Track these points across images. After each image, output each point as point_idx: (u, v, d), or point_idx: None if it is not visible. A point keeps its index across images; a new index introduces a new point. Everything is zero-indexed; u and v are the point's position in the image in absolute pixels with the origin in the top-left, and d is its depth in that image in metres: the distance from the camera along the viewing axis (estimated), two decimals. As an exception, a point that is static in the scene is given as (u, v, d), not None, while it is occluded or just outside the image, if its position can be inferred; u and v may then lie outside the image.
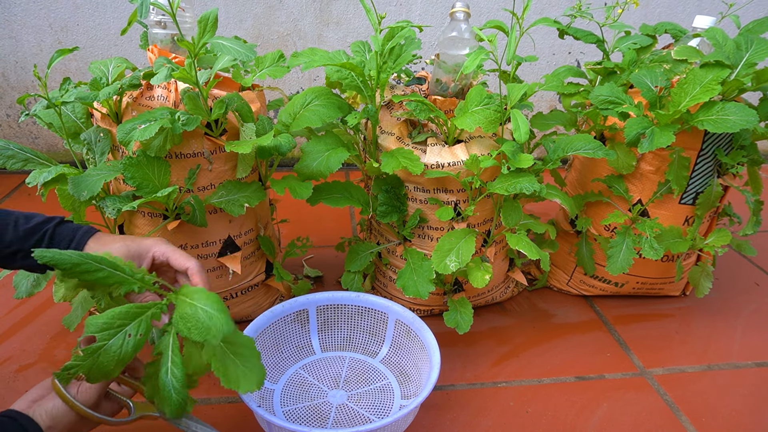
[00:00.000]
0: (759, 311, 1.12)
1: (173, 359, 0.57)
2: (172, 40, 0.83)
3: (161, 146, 0.75)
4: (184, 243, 0.86)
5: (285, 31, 1.56)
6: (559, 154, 0.89)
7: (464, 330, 0.89)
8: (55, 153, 1.68)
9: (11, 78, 1.56)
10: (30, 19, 1.47)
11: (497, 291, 1.07)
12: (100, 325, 0.54)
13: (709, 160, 0.93)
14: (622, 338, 1.02)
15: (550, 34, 1.66)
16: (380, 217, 0.89)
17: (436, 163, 0.86)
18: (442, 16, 1.59)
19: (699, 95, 0.81)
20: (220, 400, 0.85)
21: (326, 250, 1.27)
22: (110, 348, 0.54)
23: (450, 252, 0.84)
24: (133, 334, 0.55)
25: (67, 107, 0.86)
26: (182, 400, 0.57)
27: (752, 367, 0.97)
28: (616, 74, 0.98)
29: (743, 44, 0.84)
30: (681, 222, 0.98)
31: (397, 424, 0.71)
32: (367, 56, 0.90)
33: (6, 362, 0.90)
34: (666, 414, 0.85)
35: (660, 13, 1.67)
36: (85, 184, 0.75)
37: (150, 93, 0.82)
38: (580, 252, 1.07)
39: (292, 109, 0.84)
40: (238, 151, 0.74)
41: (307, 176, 0.82)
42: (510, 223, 0.87)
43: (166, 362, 0.57)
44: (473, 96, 0.84)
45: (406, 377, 0.87)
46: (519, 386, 0.90)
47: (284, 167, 1.74)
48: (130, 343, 0.54)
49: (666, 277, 1.07)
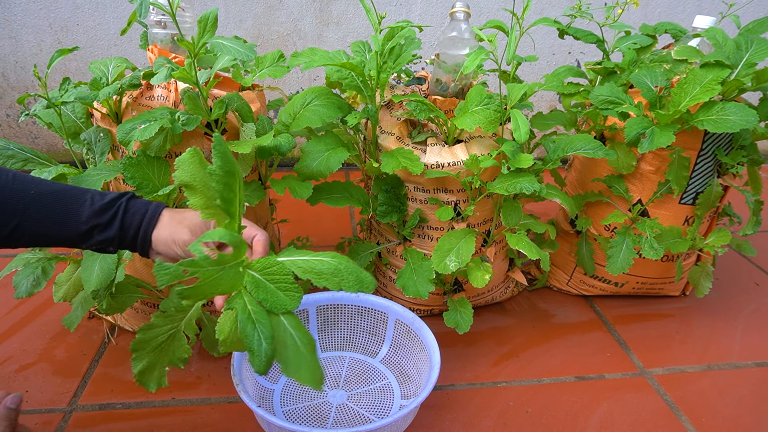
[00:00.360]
0: (759, 311, 1.12)
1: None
2: (172, 40, 0.83)
3: (161, 146, 0.75)
4: (184, 243, 0.86)
5: (285, 31, 1.56)
6: (559, 154, 0.89)
7: (464, 330, 0.89)
8: (55, 153, 1.68)
9: (11, 78, 1.56)
10: (30, 19, 1.47)
11: (497, 291, 1.07)
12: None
13: (709, 160, 0.93)
14: (622, 338, 1.02)
15: (550, 34, 1.66)
16: (380, 217, 0.89)
17: (436, 163, 0.86)
18: (442, 16, 1.59)
19: (699, 95, 0.81)
20: (220, 400, 0.85)
21: (326, 250, 1.27)
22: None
23: (450, 252, 0.84)
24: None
25: (66, 107, 0.86)
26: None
27: (752, 367, 0.97)
28: (616, 74, 0.98)
29: (743, 44, 0.84)
30: (681, 222, 0.98)
31: (397, 424, 0.71)
32: (367, 56, 0.90)
33: (6, 362, 0.90)
34: (666, 414, 0.85)
35: (660, 13, 1.67)
36: (85, 183, 0.75)
37: (150, 93, 0.82)
38: (580, 252, 1.07)
39: (292, 109, 0.84)
40: (238, 151, 0.73)
41: (307, 176, 0.82)
42: (510, 223, 0.87)
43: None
44: (473, 96, 0.84)
45: (406, 377, 0.87)
46: (519, 386, 0.90)
47: (284, 167, 1.74)
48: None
49: (666, 277, 1.07)
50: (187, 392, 0.86)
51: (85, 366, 0.90)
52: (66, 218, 0.60)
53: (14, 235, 0.59)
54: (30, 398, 0.83)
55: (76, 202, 0.61)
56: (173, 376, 0.89)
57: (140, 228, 0.61)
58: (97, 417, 0.81)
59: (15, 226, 0.59)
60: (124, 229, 0.61)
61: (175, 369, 0.89)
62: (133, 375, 0.64)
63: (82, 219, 0.60)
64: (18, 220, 0.59)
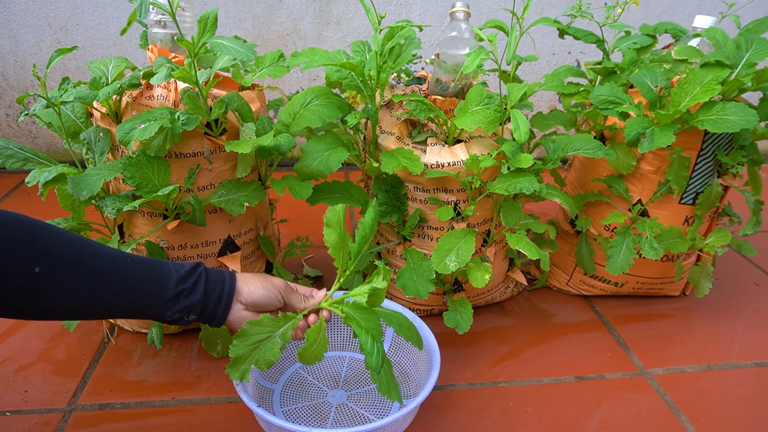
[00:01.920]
0: (759, 311, 1.12)
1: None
2: (171, 40, 0.83)
3: (161, 146, 0.75)
4: (184, 242, 0.86)
5: (285, 30, 1.56)
6: (559, 154, 0.89)
7: (464, 330, 0.89)
8: (54, 152, 1.68)
9: (10, 77, 1.55)
10: (29, 19, 1.47)
11: (497, 291, 1.07)
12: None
13: (709, 160, 0.93)
14: (622, 338, 1.02)
15: (550, 34, 1.66)
16: (380, 216, 0.89)
17: (436, 163, 0.86)
18: (442, 16, 1.59)
19: (699, 95, 0.81)
20: (219, 400, 0.84)
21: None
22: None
23: (450, 252, 0.84)
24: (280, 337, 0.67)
25: (66, 107, 0.86)
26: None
27: (752, 367, 0.97)
28: (616, 74, 0.98)
29: (743, 44, 0.84)
30: (681, 222, 0.98)
31: (397, 424, 0.71)
32: (367, 56, 0.90)
33: (6, 362, 0.90)
34: (666, 414, 0.85)
35: (660, 13, 1.67)
36: (84, 183, 0.75)
37: (150, 92, 0.81)
38: (579, 252, 1.07)
39: (292, 109, 0.84)
40: (238, 150, 0.73)
41: (307, 176, 0.81)
42: (510, 223, 0.87)
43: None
44: (473, 96, 0.84)
45: (406, 377, 0.87)
46: (519, 386, 0.90)
47: (284, 167, 1.74)
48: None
49: (666, 277, 1.07)
50: (186, 392, 0.86)
51: (85, 366, 0.90)
52: (158, 284, 0.62)
53: (111, 304, 0.60)
54: (30, 398, 0.83)
55: (163, 267, 0.64)
56: (173, 375, 0.89)
57: (223, 291, 0.66)
58: (97, 417, 0.81)
59: (113, 296, 0.60)
60: (207, 294, 0.65)
61: (175, 368, 0.90)
62: (225, 360, 0.76)
63: (171, 285, 0.63)
64: (117, 288, 0.60)
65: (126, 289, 0.60)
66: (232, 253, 0.90)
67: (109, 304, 0.60)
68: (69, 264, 0.57)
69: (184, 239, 0.86)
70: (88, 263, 0.58)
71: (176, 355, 0.93)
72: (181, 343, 0.95)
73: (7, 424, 0.78)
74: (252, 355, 0.66)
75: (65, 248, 0.57)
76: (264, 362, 0.65)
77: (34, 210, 1.41)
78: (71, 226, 0.85)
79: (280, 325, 0.67)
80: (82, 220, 0.88)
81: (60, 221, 0.85)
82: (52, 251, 0.56)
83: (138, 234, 0.87)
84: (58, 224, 0.84)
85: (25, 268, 0.53)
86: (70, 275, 0.57)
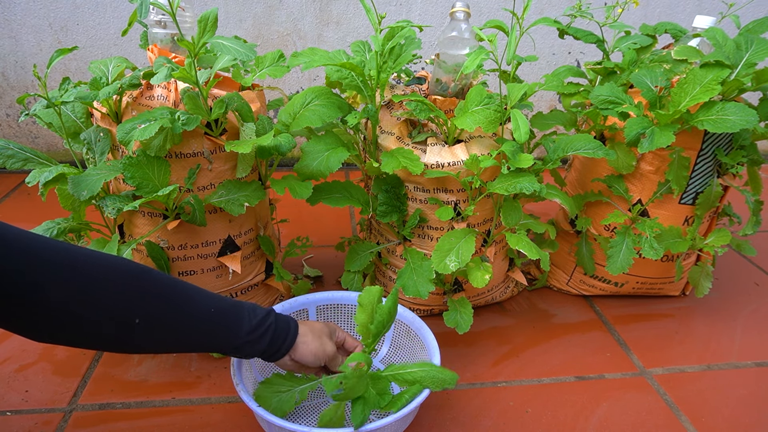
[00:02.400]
0: (759, 311, 1.12)
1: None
2: (172, 40, 0.83)
3: (161, 146, 0.75)
4: (184, 243, 0.86)
5: (285, 31, 1.56)
6: (559, 154, 0.89)
7: (464, 330, 0.89)
8: (54, 153, 1.68)
9: (11, 77, 1.56)
10: (30, 19, 1.47)
11: (497, 291, 1.07)
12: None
13: (709, 160, 0.93)
14: (621, 338, 1.02)
15: (550, 34, 1.66)
16: (380, 216, 0.89)
17: (436, 163, 0.86)
18: (442, 16, 1.59)
19: (699, 95, 0.81)
20: (220, 399, 0.85)
21: (326, 250, 1.27)
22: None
23: (450, 252, 0.84)
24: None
25: (66, 107, 0.86)
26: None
27: (752, 367, 0.97)
28: (616, 74, 0.98)
29: (743, 44, 0.84)
30: (681, 222, 0.98)
31: (397, 424, 0.71)
32: (367, 56, 0.90)
33: (6, 362, 0.90)
34: (666, 414, 0.86)
35: (660, 13, 1.67)
36: (84, 183, 0.75)
37: (150, 92, 0.81)
38: (579, 252, 1.07)
39: (292, 109, 0.84)
40: (238, 150, 0.73)
41: (307, 176, 0.82)
42: (510, 223, 0.87)
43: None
44: (473, 96, 0.84)
45: (406, 377, 0.87)
46: (519, 386, 0.90)
47: (284, 167, 1.74)
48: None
49: (666, 277, 1.07)
50: (187, 392, 0.86)
51: (85, 366, 0.90)
52: (230, 333, 0.64)
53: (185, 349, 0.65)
54: (30, 398, 0.83)
55: (238, 314, 0.65)
56: (173, 375, 0.89)
57: (282, 347, 0.68)
58: (97, 417, 0.81)
59: (193, 345, 0.64)
60: (269, 346, 0.67)
61: (175, 368, 0.90)
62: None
63: (242, 334, 0.65)
64: (196, 337, 0.63)
65: (202, 339, 0.64)
66: (232, 253, 0.90)
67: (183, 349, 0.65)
68: (167, 318, 0.60)
69: (184, 239, 0.86)
70: (185, 313, 0.61)
71: (176, 355, 0.93)
72: (181, 343, 0.95)
73: (7, 423, 0.78)
74: (272, 401, 0.71)
75: (166, 297, 0.60)
76: (280, 411, 0.70)
77: (34, 210, 1.42)
78: (71, 226, 0.85)
79: (301, 383, 0.75)
80: (83, 220, 0.88)
81: (60, 221, 0.85)
82: (152, 303, 0.58)
83: (138, 234, 0.87)
84: (59, 224, 0.84)
85: (125, 319, 0.55)
86: (167, 329, 0.60)
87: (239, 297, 0.96)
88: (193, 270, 0.89)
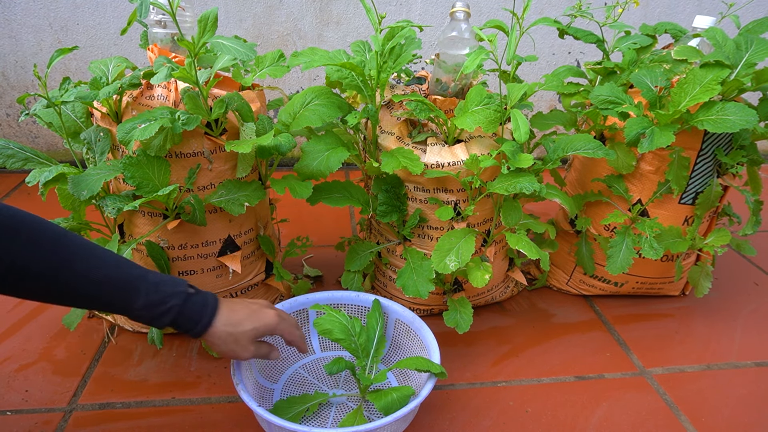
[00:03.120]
0: (758, 311, 1.12)
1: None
2: (172, 40, 0.83)
3: (161, 146, 0.75)
4: (184, 242, 0.86)
5: (285, 30, 1.56)
6: (559, 154, 0.89)
7: (464, 330, 0.89)
8: (55, 152, 1.68)
9: (11, 77, 1.56)
10: (30, 19, 1.47)
11: (497, 291, 1.07)
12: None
13: (708, 160, 0.93)
14: (621, 338, 1.02)
15: (550, 34, 1.66)
16: (380, 216, 0.89)
17: (436, 163, 0.86)
18: (442, 16, 1.59)
19: (699, 95, 0.81)
20: (220, 399, 0.85)
21: (326, 250, 1.27)
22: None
23: (450, 252, 0.84)
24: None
25: (66, 107, 0.86)
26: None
27: (752, 366, 0.97)
28: (616, 74, 0.99)
29: (743, 44, 0.84)
30: (681, 222, 0.98)
31: (397, 424, 0.71)
32: (367, 56, 0.90)
33: (6, 361, 0.90)
34: (666, 414, 0.86)
35: (660, 13, 1.67)
36: (85, 183, 0.75)
37: (150, 92, 0.82)
38: (579, 252, 1.07)
39: (292, 109, 0.84)
40: (238, 150, 0.73)
41: (307, 176, 0.82)
42: (510, 223, 0.87)
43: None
44: (473, 96, 0.84)
45: (406, 377, 0.87)
46: (519, 386, 0.90)
47: (284, 167, 1.74)
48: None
49: (665, 277, 1.07)
50: (187, 392, 0.86)
51: (85, 365, 0.90)
52: (121, 305, 0.64)
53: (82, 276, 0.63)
54: (30, 398, 0.83)
55: (133, 290, 0.64)
56: (173, 375, 0.89)
57: (198, 324, 0.67)
58: (97, 416, 0.81)
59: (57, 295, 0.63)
60: (177, 325, 0.67)
61: (175, 368, 0.90)
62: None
63: (136, 307, 0.64)
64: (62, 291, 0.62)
65: (87, 302, 0.64)
66: (232, 253, 0.90)
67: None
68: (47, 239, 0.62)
69: (184, 239, 0.86)
70: (73, 270, 0.61)
71: (176, 355, 0.93)
72: (181, 343, 0.95)
73: (7, 423, 0.78)
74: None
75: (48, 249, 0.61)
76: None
77: (34, 210, 1.41)
78: (71, 225, 0.85)
79: (312, 400, 0.80)
80: (83, 219, 0.88)
81: (60, 221, 0.85)
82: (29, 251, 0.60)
83: (138, 234, 0.87)
84: (59, 224, 0.84)
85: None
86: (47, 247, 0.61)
87: (239, 296, 0.96)
88: (193, 270, 0.89)
